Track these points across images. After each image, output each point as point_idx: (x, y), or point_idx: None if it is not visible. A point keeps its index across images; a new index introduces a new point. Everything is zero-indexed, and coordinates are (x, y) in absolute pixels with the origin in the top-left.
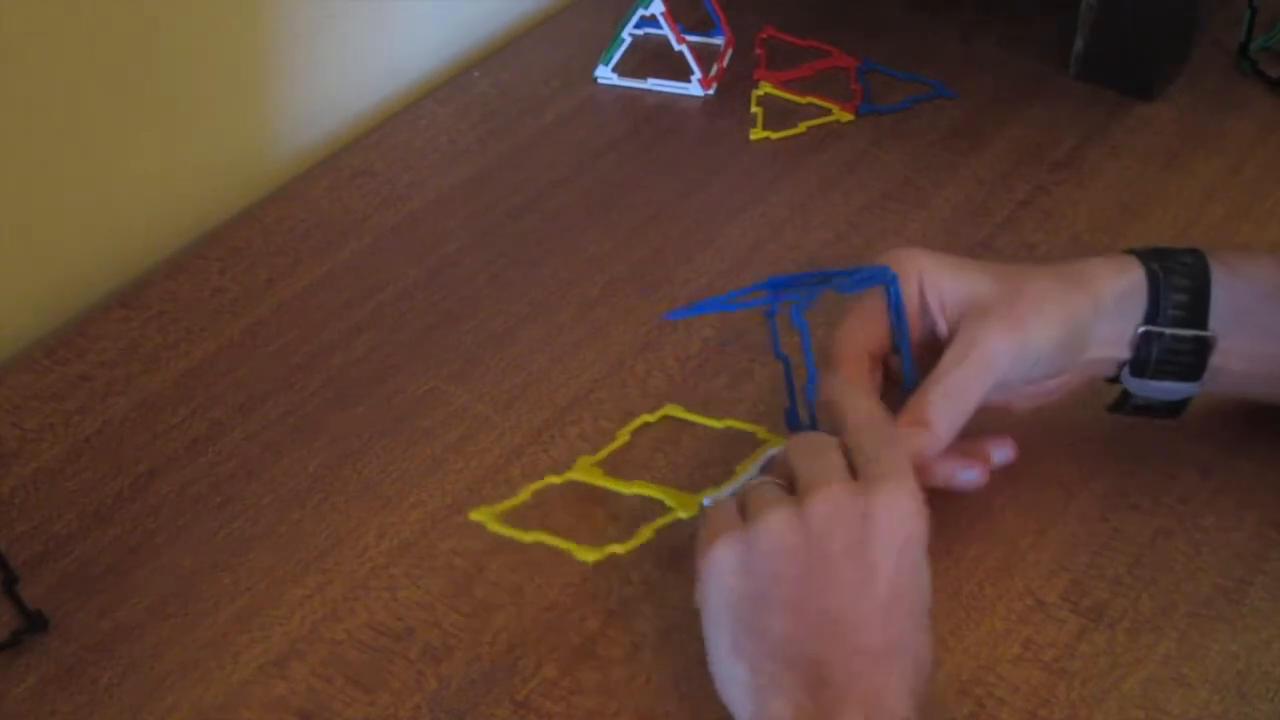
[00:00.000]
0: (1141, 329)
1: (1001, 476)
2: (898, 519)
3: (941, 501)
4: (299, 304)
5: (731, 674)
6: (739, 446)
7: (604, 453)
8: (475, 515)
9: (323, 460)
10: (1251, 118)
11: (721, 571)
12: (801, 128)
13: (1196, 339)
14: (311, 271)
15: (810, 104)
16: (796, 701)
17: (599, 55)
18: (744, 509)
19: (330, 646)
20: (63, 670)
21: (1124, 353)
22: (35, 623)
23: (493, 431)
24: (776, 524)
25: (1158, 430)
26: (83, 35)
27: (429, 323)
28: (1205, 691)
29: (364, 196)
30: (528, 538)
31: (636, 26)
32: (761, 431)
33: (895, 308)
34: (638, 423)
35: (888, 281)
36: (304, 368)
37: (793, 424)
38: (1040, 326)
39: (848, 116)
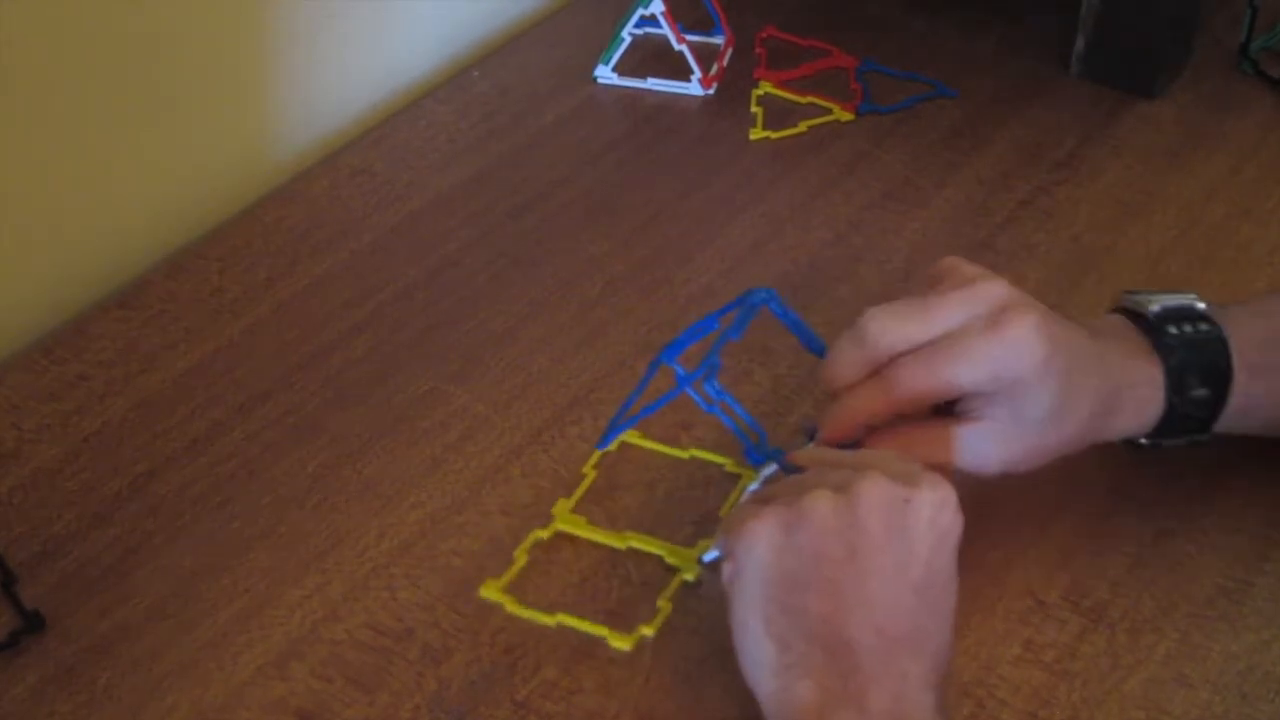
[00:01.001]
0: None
1: (1001, 475)
2: (939, 508)
3: None
4: (299, 304)
5: (758, 652)
6: (707, 472)
7: (578, 494)
8: (485, 592)
9: (323, 460)
10: (1252, 117)
11: (761, 549)
12: (801, 127)
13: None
14: (311, 271)
15: (810, 104)
16: (824, 684)
17: (599, 55)
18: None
19: (330, 647)
20: (62, 670)
21: (1139, 438)
22: (33, 623)
23: (493, 431)
24: (822, 505)
25: None
26: (83, 35)
27: (429, 323)
28: (1207, 692)
29: (364, 196)
30: (551, 621)
31: (636, 26)
32: (730, 464)
33: (787, 319)
34: (597, 456)
35: (767, 301)
36: (304, 368)
37: (755, 460)
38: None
39: (848, 116)
